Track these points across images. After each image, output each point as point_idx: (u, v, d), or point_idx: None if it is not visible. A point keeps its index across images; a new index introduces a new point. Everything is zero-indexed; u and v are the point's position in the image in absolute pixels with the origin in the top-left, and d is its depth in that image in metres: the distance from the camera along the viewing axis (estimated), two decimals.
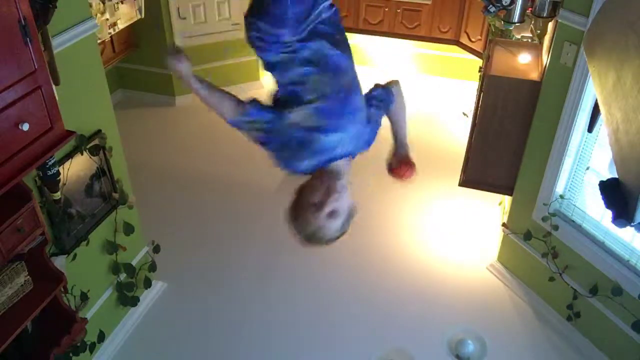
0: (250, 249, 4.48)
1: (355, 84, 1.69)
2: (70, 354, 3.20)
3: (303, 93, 1.60)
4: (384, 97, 1.82)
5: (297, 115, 1.60)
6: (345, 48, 1.71)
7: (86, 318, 3.01)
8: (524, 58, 3.69)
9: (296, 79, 1.61)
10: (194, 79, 1.69)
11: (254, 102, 1.65)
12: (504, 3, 3.28)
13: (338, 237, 1.64)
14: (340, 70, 1.65)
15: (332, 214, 1.57)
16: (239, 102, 1.66)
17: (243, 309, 3.98)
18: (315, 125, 1.60)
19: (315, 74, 1.61)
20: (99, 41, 3.80)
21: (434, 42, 5.97)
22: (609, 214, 1.55)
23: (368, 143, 1.77)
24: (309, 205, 1.57)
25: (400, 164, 1.89)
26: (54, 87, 2.34)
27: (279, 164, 1.70)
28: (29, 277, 2.55)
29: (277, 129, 1.62)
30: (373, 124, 1.77)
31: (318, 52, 1.62)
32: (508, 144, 3.75)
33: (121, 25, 5.02)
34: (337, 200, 1.57)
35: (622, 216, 1.49)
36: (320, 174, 1.63)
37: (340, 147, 1.65)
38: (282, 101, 1.64)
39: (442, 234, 4.58)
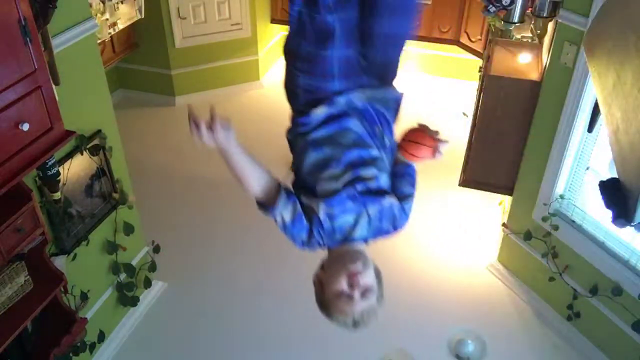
0: (251, 248, 4.48)
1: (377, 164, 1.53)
2: (70, 354, 3.20)
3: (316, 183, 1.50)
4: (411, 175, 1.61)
5: (307, 201, 1.50)
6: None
7: (86, 318, 3.01)
8: (524, 58, 3.69)
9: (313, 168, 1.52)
10: (240, 150, 1.46)
11: (291, 196, 1.52)
12: (504, 3, 3.28)
13: (379, 306, 1.55)
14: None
15: (366, 293, 1.46)
16: (274, 183, 1.53)
17: (243, 309, 3.98)
18: (325, 212, 1.49)
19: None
20: (99, 41, 3.80)
21: (434, 42, 5.97)
22: (609, 214, 1.55)
23: (395, 229, 1.60)
24: (338, 296, 1.46)
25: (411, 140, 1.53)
26: (54, 87, 2.35)
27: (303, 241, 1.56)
28: (29, 277, 2.55)
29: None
30: (393, 214, 1.56)
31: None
32: (508, 144, 3.75)
33: (121, 25, 5.02)
34: (365, 281, 1.45)
35: (622, 216, 1.49)
36: (334, 257, 1.52)
37: (355, 232, 1.53)
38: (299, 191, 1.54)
39: (442, 234, 4.58)
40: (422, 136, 1.50)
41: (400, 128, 1.62)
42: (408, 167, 1.60)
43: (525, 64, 3.66)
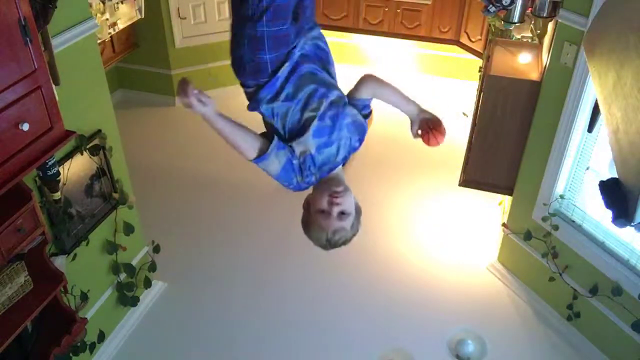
0: (251, 248, 4.48)
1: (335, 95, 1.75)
2: (70, 354, 3.20)
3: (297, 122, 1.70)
4: (360, 104, 1.84)
5: (299, 146, 1.69)
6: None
7: (86, 318, 3.01)
8: (524, 58, 3.69)
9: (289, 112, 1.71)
10: (219, 117, 1.61)
11: (274, 138, 1.68)
12: (504, 3, 3.28)
13: (353, 237, 1.73)
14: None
15: (342, 215, 1.65)
16: (260, 139, 1.68)
17: (243, 309, 3.98)
18: (315, 145, 1.69)
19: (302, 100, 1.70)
20: (99, 41, 3.80)
21: (434, 42, 5.97)
22: (609, 214, 1.54)
23: (359, 142, 1.82)
24: (318, 213, 1.66)
25: (423, 130, 1.85)
26: (54, 87, 2.34)
27: (291, 185, 1.77)
28: (29, 277, 2.55)
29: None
30: (359, 125, 1.81)
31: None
32: (508, 144, 3.75)
33: (121, 25, 5.02)
34: (343, 202, 1.65)
35: (622, 216, 1.49)
36: (321, 184, 1.72)
37: (338, 156, 1.74)
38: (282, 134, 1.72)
39: (442, 234, 4.58)
40: (435, 133, 1.82)
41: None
42: (368, 100, 1.84)
43: (525, 64, 3.66)
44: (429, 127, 1.82)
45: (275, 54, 1.67)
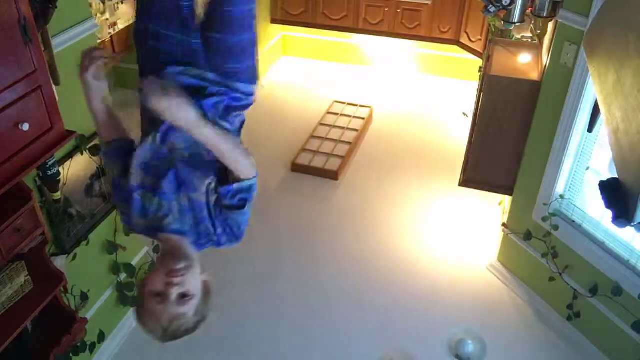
0: (251, 248, 4.47)
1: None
2: (70, 354, 3.20)
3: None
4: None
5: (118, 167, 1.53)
6: None
7: (86, 318, 3.01)
8: (524, 58, 3.69)
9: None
10: (101, 104, 1.66)
11: (115, 144, 1.63)
12: (504, 3, 3.28)
13: (198, 324, 1.46)
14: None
15: (182, 298, 1.37)
16: (113, 140, 1.65)
17: (243, 309, 3.98)
18: (137, 163, 1.49)
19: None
20: (99, 41, 3.79)
21: (434, 42, 5.98)
22: (609, 214, 1.55)
23: (222, 240, 1.55)
24: (152, 297, 1.36)
25: None
26: (54, 87, 2.35)
27: (121, 216, 1.60)
28: (29, 277, 2.55)
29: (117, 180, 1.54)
30: (222, 222, 1.53)
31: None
32: (508, 144, 3.75)
33: (121, 25, 5.01)
34: (184, 282, 1.36)
35: (622, 216, 1.50)
36: (161, 257, 1.45)
37: (168, 219, 1.46)
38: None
39: (442, 234, 4.58)
40: None
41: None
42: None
43: (525, 64, 3.66)
44: None
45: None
